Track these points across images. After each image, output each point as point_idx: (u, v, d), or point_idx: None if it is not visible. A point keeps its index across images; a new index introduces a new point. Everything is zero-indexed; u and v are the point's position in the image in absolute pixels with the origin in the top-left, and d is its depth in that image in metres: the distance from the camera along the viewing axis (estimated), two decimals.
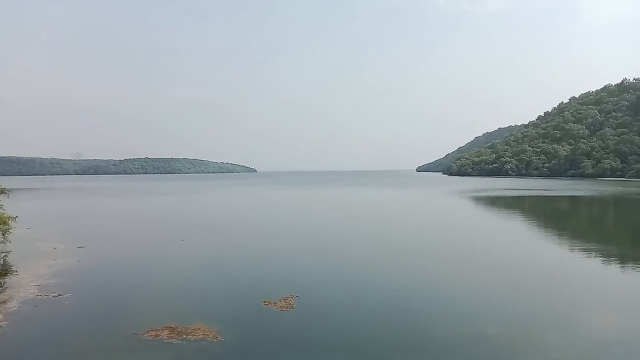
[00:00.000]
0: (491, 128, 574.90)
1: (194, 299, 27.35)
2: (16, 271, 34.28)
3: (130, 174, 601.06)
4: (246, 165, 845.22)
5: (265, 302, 25.51)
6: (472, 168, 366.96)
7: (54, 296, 27.29)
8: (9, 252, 40.51)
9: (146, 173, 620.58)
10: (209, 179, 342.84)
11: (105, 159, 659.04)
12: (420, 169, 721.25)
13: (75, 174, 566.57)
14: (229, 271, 34.70)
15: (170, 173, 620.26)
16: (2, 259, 38.58)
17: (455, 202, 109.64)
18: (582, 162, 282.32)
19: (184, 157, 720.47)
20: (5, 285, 30.19)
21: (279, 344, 20.18)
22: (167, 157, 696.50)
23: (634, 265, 37.04)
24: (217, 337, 20.27)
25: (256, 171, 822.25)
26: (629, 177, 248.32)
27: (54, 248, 43.25)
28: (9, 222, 42.24)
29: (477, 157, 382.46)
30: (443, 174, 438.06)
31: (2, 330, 21.42)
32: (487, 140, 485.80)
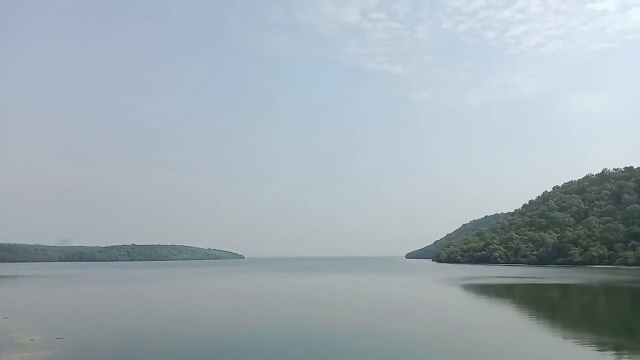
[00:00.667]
0: (478, 216, 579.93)
1: None
2: None
3: (116, 260, 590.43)
4: (233, 252, 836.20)
5: None
6: (461, 255, 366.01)
7: None
8: None
9: (132, 260, 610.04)
10: (196, 266, 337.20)
11: (90, 245, 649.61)
12: (409, 256, 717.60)
13: (60, 261, 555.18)
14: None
15: (157, 260, 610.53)
16: None
17: (446, 290, 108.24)
18: (570, 250, 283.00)
19: (171, 244, 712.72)
20: None
21: None
22: (153, 244, 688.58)
23: (630, 356, 36.21)
24: None
25: (244, 257, 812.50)
26: (617, 264, 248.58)
27: (31, 339, 41.46)
28: None
29: (466, 244, 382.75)
30: (432, 260, 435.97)
31: None
32: (475, 228, 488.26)
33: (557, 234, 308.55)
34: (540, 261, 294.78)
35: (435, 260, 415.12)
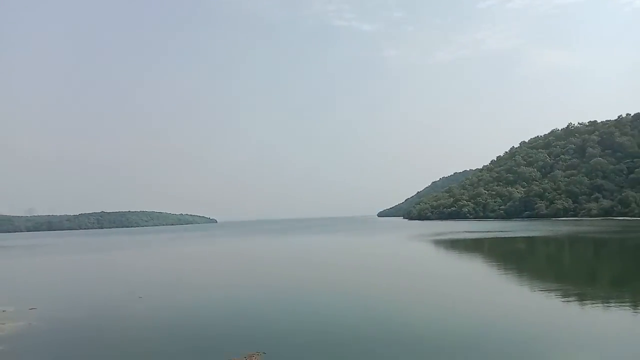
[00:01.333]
0: (447, 173, 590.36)
1: (155, 357, 26.10)
2: None
3: (85, 228, 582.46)
4: (206, 216, 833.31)
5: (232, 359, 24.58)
6: (432, 212, 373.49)
7: None
8: None
9: (102, 227, 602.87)
10: (167, 232, 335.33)
11: (59, 214, 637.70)
12: (381, 214, 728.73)
13: (28, 231, 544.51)
14: (188, 327, 33.34)
15: (127, 227, 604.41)
16: None
17: (417, 246, 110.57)
18: (536, 204, 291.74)
19: (141, 210, 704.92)
20: None
21: None
22: (123, 211, 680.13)
23: (593, 303, 37.85)
24: None
25: (217, 221, 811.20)
26: (581, 216, 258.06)
27: (3, 311, 40.85)
28: None
29: (436, 201, 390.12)
30: (404, 218, 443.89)
31: None
32: (444, 185, 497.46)
33: (524, 188, 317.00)
34: (508, 215, 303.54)
35: (407, 218, 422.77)
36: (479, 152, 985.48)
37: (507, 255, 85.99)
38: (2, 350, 28.18)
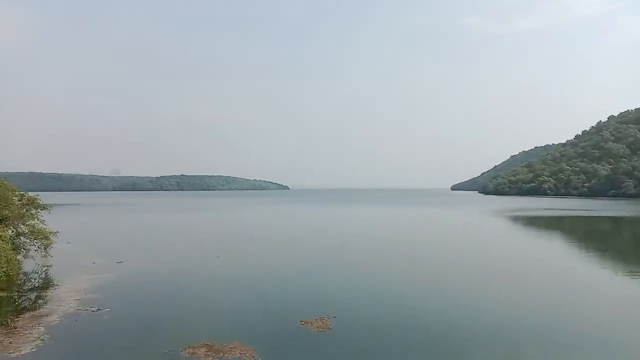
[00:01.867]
0: (528, 147, 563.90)
1: (230, 316, 27.29)
2: (57, 285, 35.06)
3: (166, 190, 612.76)
4: (278, 183, 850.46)
5: (301, 321, 25.20)
6: (509, 187, 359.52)
7: (93, 311, 27.66)
8: (50, 266, 41.55)
9: (181, 189, 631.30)
10: (242, 196, 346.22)
11: (142, 175, 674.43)
12: (455, 188, 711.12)
13: (114, 190, 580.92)
14: (263, 289, 34.56)
15: (205, 190, 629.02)
16: (44, 273, 39.56)
17: (494, 221, 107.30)
18: (624, 182, 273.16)
19: (219, 175, 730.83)
20: (47, 299, 30.84)
21: None
22: (201, 175, 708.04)
23: None
24: (253, 357, 20.05)
25: (289, 188, 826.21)
26: None
27: (93, 263, 44.10)
28: (51, 237, 43.46)
29: (514, 176, 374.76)
30: (479, 192, 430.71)
31: (44, 344, 21.75)
32: (524, 159, 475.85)
33: (610, 165, 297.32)
34: (592, 193, 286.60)
35: (482, 192, 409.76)
36: (561, 126, 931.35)
37: (590, 235, 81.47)
38: (94, 298, 30.50)
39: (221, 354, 20.29)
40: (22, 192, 45.48)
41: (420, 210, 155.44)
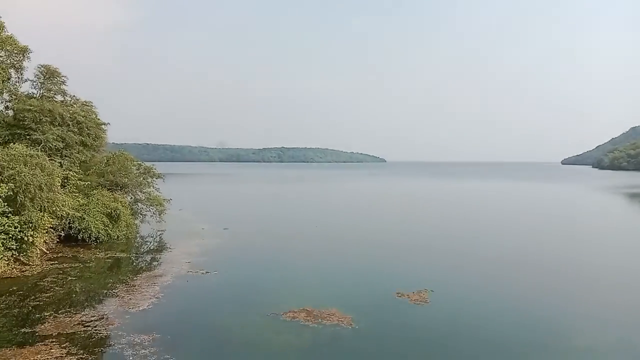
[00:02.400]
0: None
1: (328, 285, 27.91)
2: (170, 248, 37.89)
3: (267, 162, 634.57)
4: (375, 155, 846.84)
5: (398, 293, 25.17)
6: (628, 161, 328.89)
7: (202, 273, 29.57)
8: (164, 230, 44.88)
9: (282, 161, 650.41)
10: (339, 168, 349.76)
11: (245, 147, 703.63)
12: (566, 162, 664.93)
13: (220, 161, 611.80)
14: (362, 259, 34.91)
15: (304, 162, 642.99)
16: (158, 237, 42.86)
17: (611, 200, 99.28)
18: None
19: (317, 147, 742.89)
20: (161, 261, 33.47)
21: (411, 336, 19.78)
22: (301, 147, 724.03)
23: None
24: (351, 325, 20.40)
25: (385, 161, 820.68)
26: None
27: (202, 229, 46.96)
28: (164, 203, 46.78)
29: (634, 149, 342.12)
30: (593, 167, 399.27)
31: (159, 302, 23.68)
32: None
33: None
34: None
35: (596, 167, 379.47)
36: None
37: None
38: (202, 262, 32.58)
39: (320, 320, 20.86)
40: (139, 162, 49.19)
41: (532, 185, 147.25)
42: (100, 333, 19.15)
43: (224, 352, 18.20)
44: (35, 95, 40.49)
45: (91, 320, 20.47)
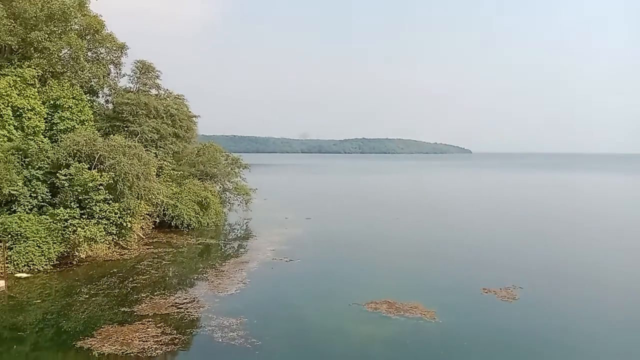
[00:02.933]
0: None
1: (411, 277, 27.58)
2: (255, 236, 39.17)
3: (348, 153, 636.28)
4: (460, 146, 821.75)
5: (484, 289, 24.33)
6: None
7: (286, 261, 30.28)
8: (250, 219, 46.43)
9: (362, 152, 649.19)
10: (421, 159, 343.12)
11: (327, 139, 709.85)
12: None
13: (302, 152, 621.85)
14: (445, 254, 34.09)
15: (384, 153, 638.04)
16: (244, 225, 44.43)
17: None
18: None
19: (398, 138, 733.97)
20: (248, 248, 34.67)
21: (497, 333, 19.10)
22: (381, 138, 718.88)
23: None
24: (434, 319, 20.03)
25: (471, 152, 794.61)
26: None
27: (286, 218, 48.03)
28: (250, 193, 48.38)
29: None
30: None
31: (246, 287, 24.55)
32: None
33: None
34: None
35: None
36: None
37: None
38: (286, 250, 33.36)
39: (402, 312, 20.67)
40: (227, 153, 51.15)
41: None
42: (191, 315, 20.20)
43: (307, 338, 18.54)
44: (132, 90, 43.13)
45: (183, 303, 21.63)
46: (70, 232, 27.38)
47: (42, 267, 26.12)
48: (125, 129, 38.82)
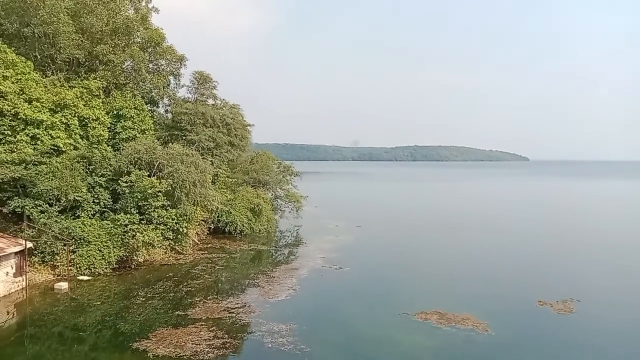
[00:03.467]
0: None
1: (464, 288, 27.06)
2: (306, 243, 39.54)
3: (400, 160, 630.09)
4: (517, 154, 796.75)
5: (540, 302, 23.59)
6: None
7: (336, 268, 30.40)
8: (300, 226, 46.88)
9: (414, 160, 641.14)
10: (476, 167, 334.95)
11: (378, 146, 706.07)
12: None
13: (353, 160, 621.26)
14: (500, 264, 33.28)
15: (437, 160, 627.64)
16: (295, 232, 44.90)
17: None
18: None
19: (452, 145, 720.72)
20: (298, 255, 35.04)
21: (552, 348, 18.43)
22: (434, 145, 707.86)
23: None
24: (487, 330, 19.59)
25: (528, 160, 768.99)
26: None
27: (336, 226, 48.17)
28: (301, 200, 48.88)
29: None
30: None
31: (296, 293, 24.86)
32: None
33: None
34: None
35: None
36: None
37: None
38: (336, 257, 33.50)
39: (453, 323, 20.34)
40: (279, 161, 51.94)
41: None
42: (243, 320, 20.64)
43: (355, 346, 18.57)
44: (190, 100, 44.61)
45: (235, 307, 22.14)
46: (129, 237, 28.64)
47: (103, 270, 27.44)
48: (183, 137, 40.10)
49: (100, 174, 30.90)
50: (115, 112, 35.52)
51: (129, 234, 28.68)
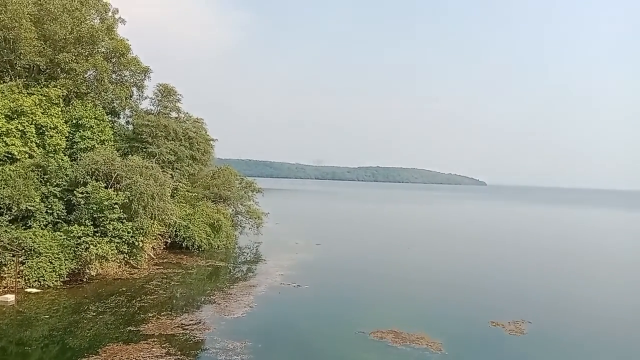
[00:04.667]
0: None
1: (419, 307, 27.47)
2: (265, 260, 39.30)
3: (362, 180, 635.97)
4: (475, 178, 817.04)
5: (492, 322, 24.15)
6: None
7: (294, 286, 30.33)
8: (260, 242, 46.61)
9: (375, 180, 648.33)
10: (434, 189, 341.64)
11: (341, 166, 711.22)
12: None
13: (315, 179, 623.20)
14: (454, 285, 33.84)
15: (398, 182, 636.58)
16: (255, 249, 44.60)
17: None
18: None
19: (412, 167, 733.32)
20: (256, 272, 34.80)
21: None
22: (395, 167, 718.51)
23: None
24: (440, 350, 19.91)
25: (485, 184, 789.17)
26: None
27: (296, 243, 48.14)
28: (262, 217, 48.66)
29: None
30: None
31: (252, 311, 24.65)
32: None
33: None
34: None
35: None
36: None
37: None
38: (295, 275, 33.42)
39: (408, 342, 20.58)
40: (242, 177, 51.67)
41: None
42: (197, 336, 20.32)
43: None
44: (152, 112, 43.99)
45: (189, 324, 21.78)
46: (82, 249, 27.87)
47: (53, 283, 26.52)
48: (144, 150, 39.41)
49: (55, 183, 30.06)
50: (74, 121, 34.71)
51: (82, 246, 27.89)
